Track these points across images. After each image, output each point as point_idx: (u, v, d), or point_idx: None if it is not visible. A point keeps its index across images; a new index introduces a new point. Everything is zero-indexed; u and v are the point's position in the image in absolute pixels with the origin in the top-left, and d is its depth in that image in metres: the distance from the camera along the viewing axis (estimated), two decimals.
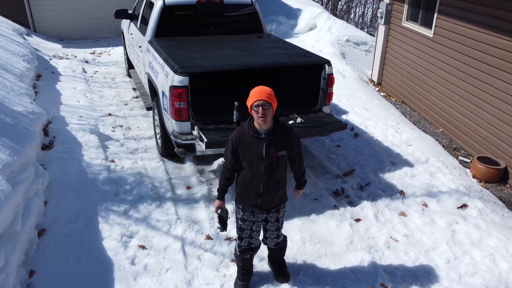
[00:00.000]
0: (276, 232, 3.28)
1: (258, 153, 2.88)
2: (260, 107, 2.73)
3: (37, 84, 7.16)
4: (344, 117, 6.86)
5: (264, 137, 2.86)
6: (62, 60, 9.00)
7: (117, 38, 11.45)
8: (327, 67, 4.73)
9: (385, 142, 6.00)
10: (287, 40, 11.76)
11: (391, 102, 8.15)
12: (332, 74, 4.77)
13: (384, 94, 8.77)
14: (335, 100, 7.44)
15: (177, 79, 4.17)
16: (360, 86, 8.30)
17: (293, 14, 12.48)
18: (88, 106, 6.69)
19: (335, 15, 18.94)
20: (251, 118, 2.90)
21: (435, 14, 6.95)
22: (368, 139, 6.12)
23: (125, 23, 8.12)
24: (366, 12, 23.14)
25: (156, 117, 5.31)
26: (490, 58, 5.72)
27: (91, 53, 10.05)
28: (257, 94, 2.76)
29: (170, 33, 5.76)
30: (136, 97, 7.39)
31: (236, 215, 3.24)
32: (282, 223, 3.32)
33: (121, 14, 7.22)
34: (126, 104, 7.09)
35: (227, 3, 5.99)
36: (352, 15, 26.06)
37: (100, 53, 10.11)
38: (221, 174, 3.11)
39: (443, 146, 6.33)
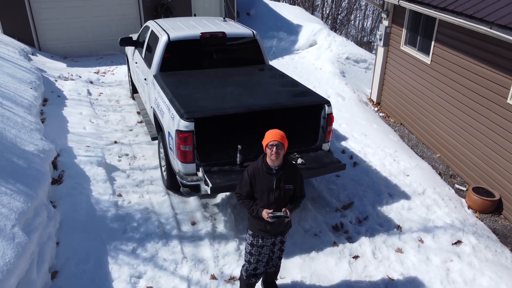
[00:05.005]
0: (279, 253, 3.79)
1: (269, 186, 3.37)
2: (275, 147, 3.25)
3: (44, 111, 7.34)
4: (343, 143, 7.04)
5: (275, 172, 3.35)
6: (67, 82, 9.18)
7: (120, 55, 11.62)
8: (326, 107, 4.91)
9: (383, 172, 6.18)
10: (288, 56, 11.96)
11: (389, 124, 8.33)
12: (331, 113, 4.95)
13: (383, 114, 8.95)
14: (335, 125, 7.62)
15: (183, 124, 4.35)
16: (360, 108, 8.48)
17: (293, 30, 12.66)
18: (94, 133, 6.87)
19: (335, 27, 19.11)
20: (264, 156, 3.41)
21: (433, 42, 7.12)
22: (367, 168, 6.31)
23: (129, 47, 8.29)
24: (366, 24, 23.32)
25: (161, 150, 5.50)
26: (485, 91, 5.90)
27: (95, 73, 10.23)
28: (273, 135, 3.29)
29: (174, 67, 5.94)
30: (141, 122, 7.57)
31: (246, 240, 3.68)
32: (285, 245, 3.82)
33: (126, 41, 7.42)
34: (131, 130, 7.27)
35: (230, 37, 6.17)
36: (352, 21, 26.25)
37: (104, 72, 10.29)
38: (243, 203, 3.48)
39: (439, 173, 6.51)
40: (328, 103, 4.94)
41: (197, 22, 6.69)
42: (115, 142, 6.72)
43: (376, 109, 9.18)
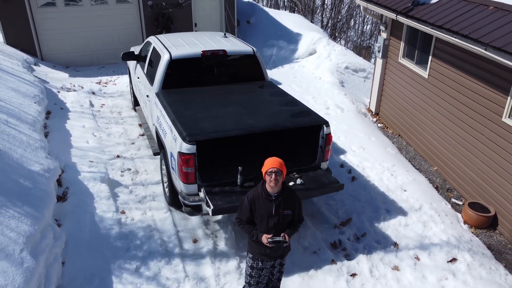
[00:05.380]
0: (278, 275, 3.93)
1: (268, 211, 3.51)
2: (273, 173, 3.40)
3: (48, 124, 7.46)
4: (342, 157, 7.16)
5: (274, 199, 3.49)
6: (70, 93, 9.29)
7: (122, 64, 11.73)
8: (325, 127, 5.03)
9: (381, 187, 6.30)
10: (288, 65, 12.07)
11: (387, 136, 8.45)
12: (330, 133, 5.07)
13: (382, 125, 9.07)
14: (334, 138, 7.73)
15: (185, 147, 4.47)
16: (358, 120, 8.60)
17: (293, 38, 12.78)
18: (97, 147, 6.98)
19: (334, 35, 19.23)
20: (263, 182, 3.54)
21: (430, 57, 7.24)
22: (365, 183, 6.42)
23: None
24: (365, 27, 23.44)
25: (163, 167, 5.61)
26: (480, 108, 6.01)
27: (97, 83, 10.35)
28: (272, 163, 3.44)
29: (176, 85, 6.05)
30: (142, 135, 7.68)
31: (247, 263, 3.85)
32: (284, 267, 3.96)
33: (128, 56, 7.54)
34: (133, 143, 7.39)
35: (231, 54, 6.29)
36: (352, 26, 26.35)
37: (106, 83, 10.41)
38: (243, 227, 3.64)
39: (436, 187, 6.62)
40: (326, 123, 5.06)
41: (198, 39, 6.81)
42: (118, 156, 6.83)
43: (374, 119, 9.30)
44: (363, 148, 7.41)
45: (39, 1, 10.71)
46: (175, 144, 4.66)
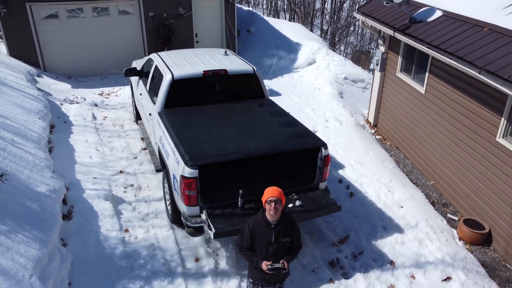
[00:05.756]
0: None
1: (268, 239, 3.69)
2: (273, 202, 3.58)
3: (52, 139, 7.60)
4: (340, 172, 7.30)
5: (273, 227, 3.66)
6: (73, 105, 9.44)
7: (123, 75, 11.86)
8: (323, 149, 5.17)
9: (378, 203, 6.44)
10: (287, 75, 12.22)
11: (385, 148, 8.59)
12: (328, 155, 5.22)
13: (380, 137, 9.21)
14: (332, 152, 7.88)
15: (188, 171, 4.61)
16: (357, 133, 8.74)
17: (293, 48, 12.92)
18: (100, 162, 7.13)
19: (334, 42, 19.37)
20: (263, 211, 3.72)
21: (427, 73, 7.38)
22: (363, 199, 6.57)
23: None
24: (365, 31, 23.58)
25: (166, 185, 5.75)
26: (475, 127, 6.16)
27: (100, 94, 10.49)
28: (271, 192, 3.62)
29: (178, 104, 6.20)
30: (144, 149, 7.83)
31: (247, 287, 4.07)
32: None
33: (131, 72, 7.70)
34: (135, 158, 7.53)
35: (231, 74, 6.43)
36: (352, 28, 26.46)
37: (108, 94, 10.56)
38: (244, 254, 3.81)
39: (433, 202, 6.77)
40: (325, 145, 5.20)
41: (199, 57, 6.95)
42: (121, 171, 6.97)
43: (373, 131, 9.44)
44: (361, 163, 7.56)
45: (42, 13, 10.87)
46: (178, 167, 4.81)
